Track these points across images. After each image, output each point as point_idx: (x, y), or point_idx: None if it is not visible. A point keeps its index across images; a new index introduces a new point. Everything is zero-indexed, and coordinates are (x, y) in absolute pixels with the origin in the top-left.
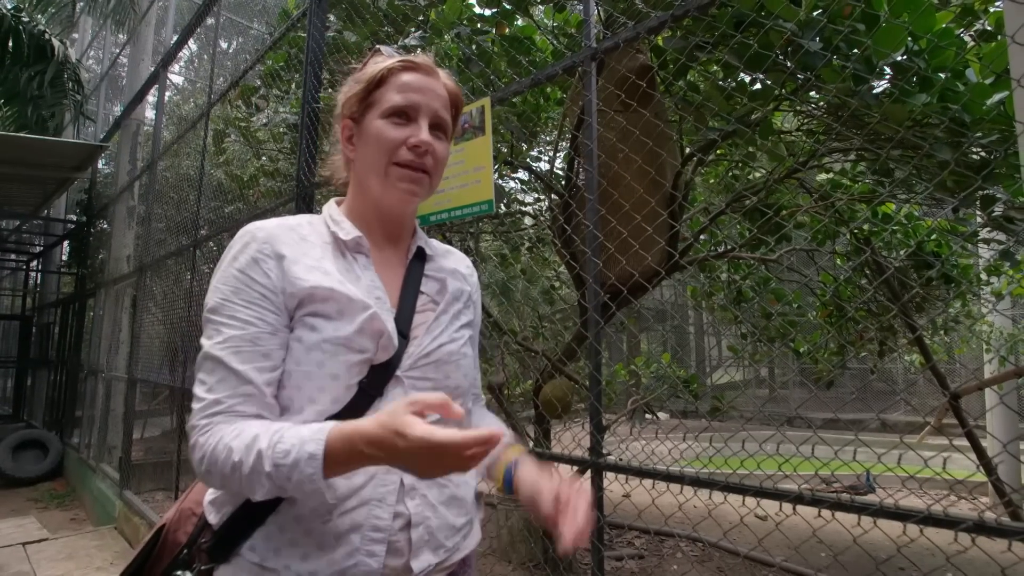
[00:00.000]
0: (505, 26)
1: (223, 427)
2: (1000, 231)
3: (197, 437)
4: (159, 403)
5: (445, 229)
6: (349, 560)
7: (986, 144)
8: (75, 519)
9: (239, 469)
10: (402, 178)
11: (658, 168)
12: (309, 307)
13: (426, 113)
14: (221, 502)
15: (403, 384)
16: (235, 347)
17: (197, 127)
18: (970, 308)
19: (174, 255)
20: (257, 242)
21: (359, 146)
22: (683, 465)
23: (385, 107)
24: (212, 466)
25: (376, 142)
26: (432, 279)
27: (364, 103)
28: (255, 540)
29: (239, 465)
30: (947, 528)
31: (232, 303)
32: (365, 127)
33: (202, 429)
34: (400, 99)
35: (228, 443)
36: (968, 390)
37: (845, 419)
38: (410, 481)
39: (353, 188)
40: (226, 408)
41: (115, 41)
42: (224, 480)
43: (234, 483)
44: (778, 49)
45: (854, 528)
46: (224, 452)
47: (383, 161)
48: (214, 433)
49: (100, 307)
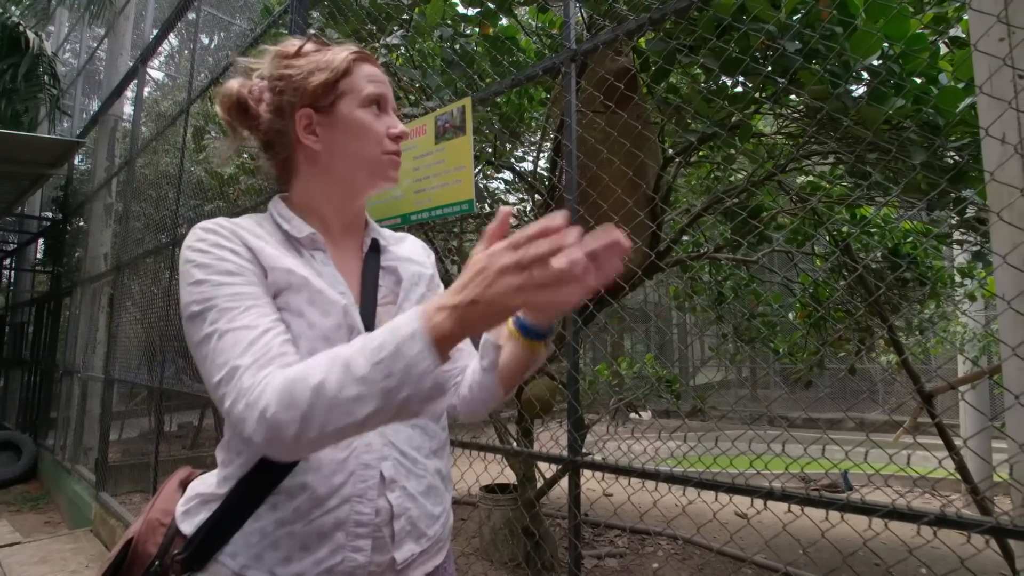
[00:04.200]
0: (488, 26)
1: (276, 370)
2: (972, 233)
3: (248, 398)
4: (137, 404)
5: (428, 228)
6: (335, 557)
7: (958, 147)
8: (49, 522)
9: (320, 391)
10: (390, 165)
11: (638, 170)
12: (281, 299)
13: (391, 104)
14: (195, 510)
15: None
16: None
17: (177, 124)
18: (944, 309)
19: (152, 253)
20: (223, 235)
21: (331, 137)
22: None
23: (363, 96)
24: (285, 407)
25: (363, 133)
26: (388, 271)
27: (333, 92)
28: (235, 546)
29: (320, 386)
30: (911, 522)
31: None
32: (341, 117)
33: (250, 389)
34: (375, 89)
35: (295, 376)
36: (940, 389)
37: (823, 418)
38: (389, 474)
39: (311, 180)
40: (270, 358)
41: (92, 35)
42: (304, 419)
43: (319, 411)
44: (757, 52)
45: (823, 523)
46: (296, 384)
47: (375, 151)
48: (270, 379)
49: (76, 306)
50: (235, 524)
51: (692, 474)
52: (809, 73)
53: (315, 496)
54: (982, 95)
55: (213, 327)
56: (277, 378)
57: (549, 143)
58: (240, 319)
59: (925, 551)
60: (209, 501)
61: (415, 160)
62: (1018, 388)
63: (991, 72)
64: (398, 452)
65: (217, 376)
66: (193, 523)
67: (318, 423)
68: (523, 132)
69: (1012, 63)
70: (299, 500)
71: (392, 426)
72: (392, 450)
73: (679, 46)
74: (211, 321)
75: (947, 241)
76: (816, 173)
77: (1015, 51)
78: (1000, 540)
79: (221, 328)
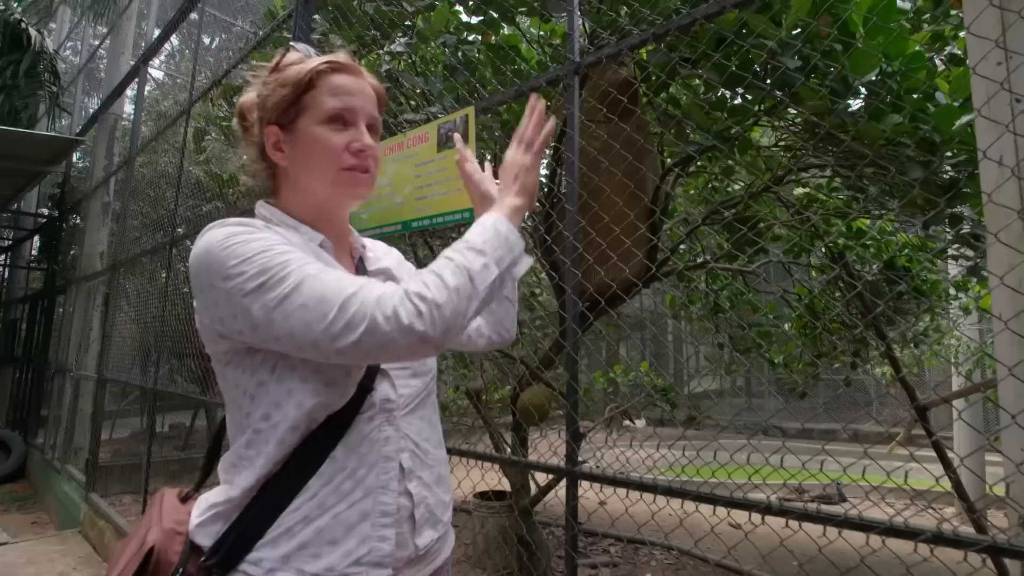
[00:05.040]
0: (491, 35)
1: (408, 285)
2: (968, 248)
3: (384, 309)
4: (128, 403)
5: (427, 234)
6: (362, 548)
7: (954, 164)
8: (37, 522)
9: (463, 267)
10: (350, 182)
11: (638, 181)
12: None
13: (362, 115)
14: (210, 522)
15: (388, 376)
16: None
17: (177, 124)
18: (939, 322)
19: (149, 253)
20: (255, 225)
21: (293, 153)
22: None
23: (323, 113)
24: (438, 288)
25: (319, 150)
26: (379, 273)
27: (294, 108)
28: (261, 552)
29: (461, 265)
30: (908, 539)
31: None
32: (300, 133)
33: (381, 301)
34: (337, 103)
35: (429, 270)
36: (934, 403)
37: (817, 429)
38: (408, 465)
39: (288, 195)
40: (372, 285)
41: (94, 33)
42: (459, 291)
43: (464, 298)
44: (758, 67)
45: (820, 539)
46: (438, 273)
47: (330, 168)
48: (403, 287)
49: (70, 304)
50: (262, 528)
51: (691, 486)
52: (809, 89)
53: (340, 490)
54: (980, 118)
55: (294, 280)
56: (413, 282)
57: (548, 151)
58: (316, 268)
59: (922, 568)
60: (227, 511)
61: (417, 167)
62: (1015, 407)
63: (989, 96)
64: (412, 444)
65: (324, 310)
66: (211, 535)
67: (466, 295)
68: None
69: (1009, 87)
70: (323, 495)
71: (405, 419)
72: (408, 442)
73: (681, 60)
74: (287, 277)
75: (943, 256)
76: (813, 185)
77: (1012, 76)
78: (995, 558)
79: (303, 274)
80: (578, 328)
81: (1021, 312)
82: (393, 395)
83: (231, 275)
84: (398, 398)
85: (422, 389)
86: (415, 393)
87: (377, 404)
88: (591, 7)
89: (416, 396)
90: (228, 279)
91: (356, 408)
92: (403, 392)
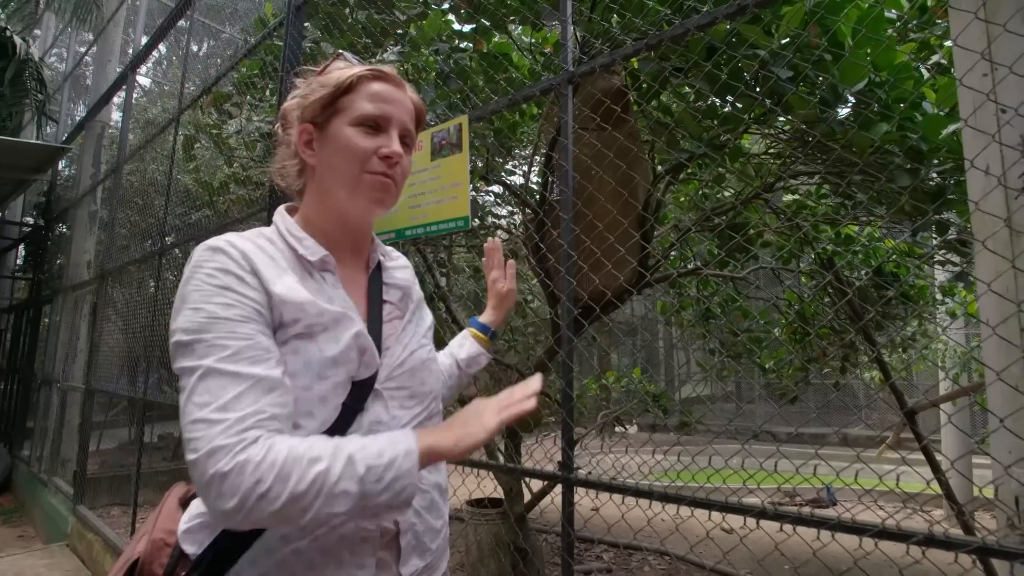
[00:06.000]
0: (483, 43)
1: (278, 440)
2: (955, 254)
3: (237, 457)
4: (116, 414)
5: (420, 242)
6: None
7: (941, 172)
8: (24, 536)
9: (323, 479)
10: (373, 186)
11: (631, 188)
12: (293, 328)
13: (396, 124)
14: (197, 529)
15: (382, 397)
16: (251, 357)
17: (166, 132)
18: (926, 327)
19: (138, 262)
20: (234, 259)
21: (322, 153)
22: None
23: (356, 115)
24: (280, 483)
25: (346, 150)
26: (393, 287)
27: (329, 109)
28: (240, 566)
29: (324, 474)
30: (900, 541)
31: (226, 319)
32: (332, 133)
33: (240, 447)
34: (372, 108)
35: (302, 453)
36: (923, 407)
37: (808, 433)
38: None
39: (312, 196)
40: (266, 418)
41: (80, 39)
42: (294, 498)
43: (308, 498)
44: (749, 76)
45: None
46: (301, 463)
47: (354, 170)
48: (272, 447)
49: (57, 314)
50: (242, 546)
51: (686, 491)
52: (799, 98)
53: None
54: (967, 128)
55: (200, 362)
56: (276, 452)
57: (540, 157)
58: (229, 363)
59: (913, 569)
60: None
61: (411, 176)
62: (1003, 411)
63: (975, 106)
64: None
65: (195, 416)
66: (197, 543)
67: (304, 506)
68: (516, 147)
69: (995, 98)
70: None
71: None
72: None
73: (672, 69)
74: (200, 355)
75: (930, 262)
76: (802, 192)
77: (998, 87)
78: (983, 560)
79: (208, 366)
80: (573, 336)
81: (1008, 318)
82: (385, 417)
83: (177, 314)
84: (390, 420)
85: (420, 411)
86: (412, 416)
87: (366, 426)
88: (583, 16)
89: (413, 419)
90: (174, 316)
91: (342, 430)
92: (396, 414)
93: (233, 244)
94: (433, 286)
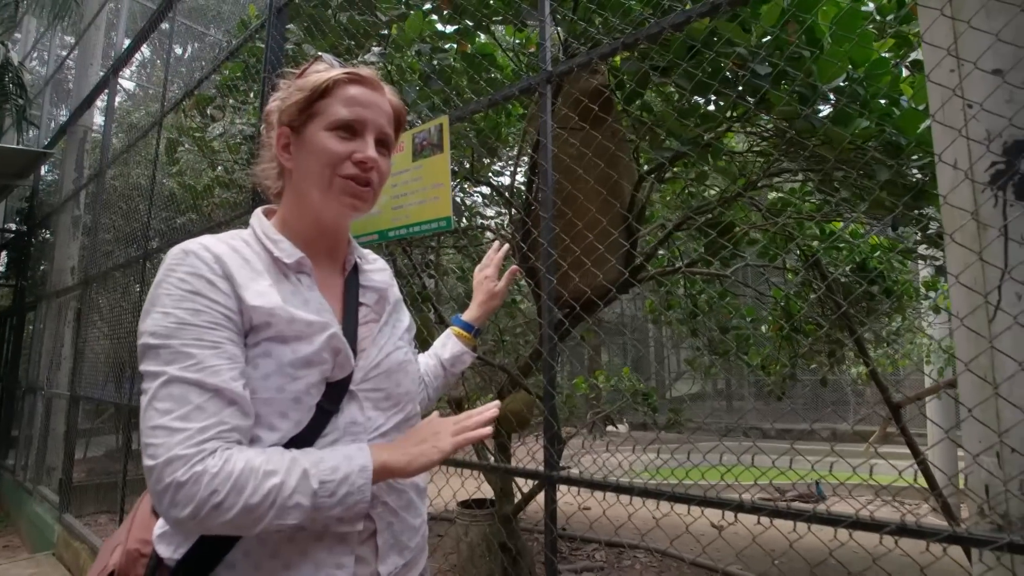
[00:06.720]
0: (466, 44)
1: (236, 452)
2: (935, 248)
3: (194, 467)
4: (103, 421)
5: (406, 243)
6: (318, 574)
7: (920, 166)
8: (8, 546)
9: (277, 492)
10: (345, 191)
11: (612, 188)
12: (265, 332)
13: (372, 128)
14: (172, 533)
15: (357, 398)
16: (213, 367)
17: (149, 135)
18: (910, 322)
19: (122, 267)
20: (206, 263)
21: (298, 156)
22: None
23: (331, 120)
24: (235, 494)
25: (320, 154)
26: (369, 289)
27: (305, 112)
28: (218, 570)
29: (278, 487)
30: (874, 531)
31: (194, 325)
32: (307, 137)
33: (198, 458)
34: (347, 113)
35: (258, 466)
36: (905, 402)
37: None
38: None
39: (289, 199)
40: (226, 430)
41: (61, 43)
42: (247, 510)
43: (262, 510)
44: (729, 73)
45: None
46: (257, 476)
47: (327, 174)
48: (229, 459)
49: (41, 321)
50: (219, 547)
51: (666, 488)
52: (778, 95)
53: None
54: (935, 123)
55: (165, 368)
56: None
57: (526, 158)
58: (193, 372)
59: (892, 559)
60: None
61: (392, 177)
62: (972, 401)
63: (943, 101)
64: None
65: (156, 422)
66: (172, 548)
67: (257, 517)
68: (500, 148)
69: (962, 94)
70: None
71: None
72: None
73: (652, 67)
74: (165, 360)
75: (912, 256)
76: (786, 190)
77: (964, 82)
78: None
79: (173, 373)
80: (554, 334)
81: (976, 309)
82: (360, 418)
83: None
84: (366, 421)
85: (396, 413)
86: (387, 418)
87: (342, 428)
88: (564, 17)
89: (388, 421)
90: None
91: (317, 431)
92: (371, 415)
93: (207, 247)
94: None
